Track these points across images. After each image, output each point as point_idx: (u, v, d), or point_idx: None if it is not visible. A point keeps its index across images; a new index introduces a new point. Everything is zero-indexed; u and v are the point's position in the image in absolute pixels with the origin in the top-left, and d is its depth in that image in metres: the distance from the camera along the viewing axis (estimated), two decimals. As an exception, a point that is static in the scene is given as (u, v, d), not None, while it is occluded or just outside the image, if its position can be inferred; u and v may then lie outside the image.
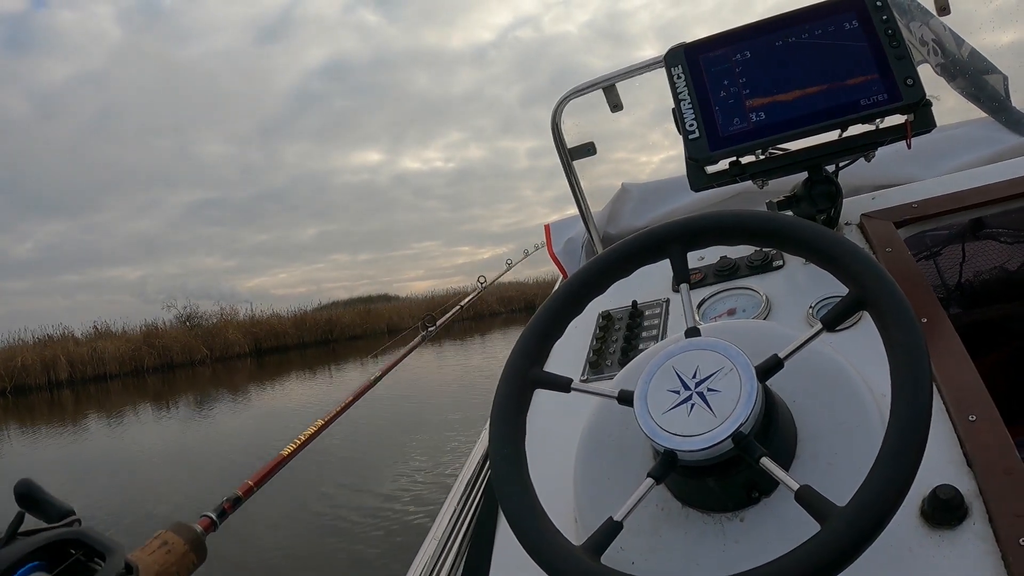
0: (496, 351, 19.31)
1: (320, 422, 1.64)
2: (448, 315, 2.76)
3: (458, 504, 1.49)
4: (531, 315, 1.15)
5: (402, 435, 9.87)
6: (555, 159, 2.32)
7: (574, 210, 2.64)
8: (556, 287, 2.61)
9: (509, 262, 3.72)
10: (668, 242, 1.09)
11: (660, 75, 1.76)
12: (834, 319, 0.95)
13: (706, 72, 1.62)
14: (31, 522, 0.74)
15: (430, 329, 2.52)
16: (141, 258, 66.44)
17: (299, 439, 1.51)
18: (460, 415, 10.79)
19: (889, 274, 0.93)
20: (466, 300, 3.11)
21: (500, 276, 3.55)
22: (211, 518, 1.08)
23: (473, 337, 23.32)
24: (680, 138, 1.63)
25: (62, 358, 24.34)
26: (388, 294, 43.33)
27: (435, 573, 1.35)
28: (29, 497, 0.76)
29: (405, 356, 2.33)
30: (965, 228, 2.62)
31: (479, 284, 3.35)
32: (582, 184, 2.38)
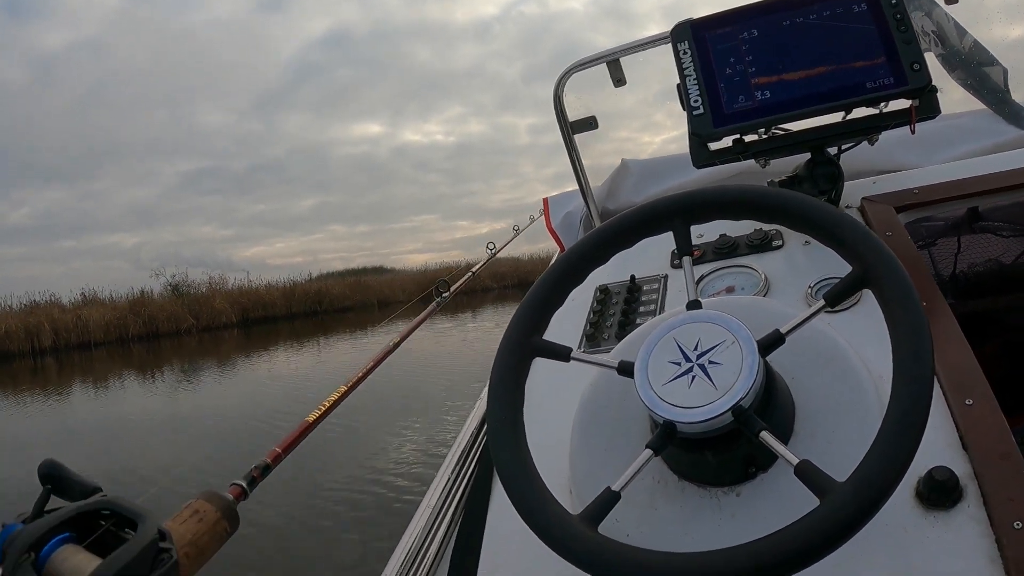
0: (488, 325, 19.32)
1: (343, 388, 1.63)
2: (460, 282, 2.77)
3: (452, 473, 1.49)
4: (524, 292, 1.14)
5: (398, 407, 9.85)
6: (556, 136, 2.30)
7: (573, 187, 2.64)
8: (554, 260, 2.62)
9: (516, 228, 3.70)
10: (671, 215, 1.08)
11: (665, 55, 1.75)
12: (836, 296, 0.95)
13: (712, 49, 1.61)
14: (56, 503, 0.73)
15: (444, 295, 2.50)
16: (137, 226, 66.53)
17: (323, 405, 1.51)
18: (455, 387, 10.77)
19: (893, 253, 0.92)
20: (477, 267, 3.12)
21: (509, 242, 3.54)
22: (241, 487, 1.07)
23: (464, 312, 23.30)
24: (683, 119, 1.62)
25: (46, 325, 24.21)
26: (384, 266, 42.71)
27: (428, 540, 1.34)
28: (53, 477, 0.75)
29: (421, 323, 2.33)
30: (961, 219, 2.62)
31: (488, 251, 3.34)
32: (583, 159, 2.37)
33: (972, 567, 0.97)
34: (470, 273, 2.98)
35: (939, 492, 1.03)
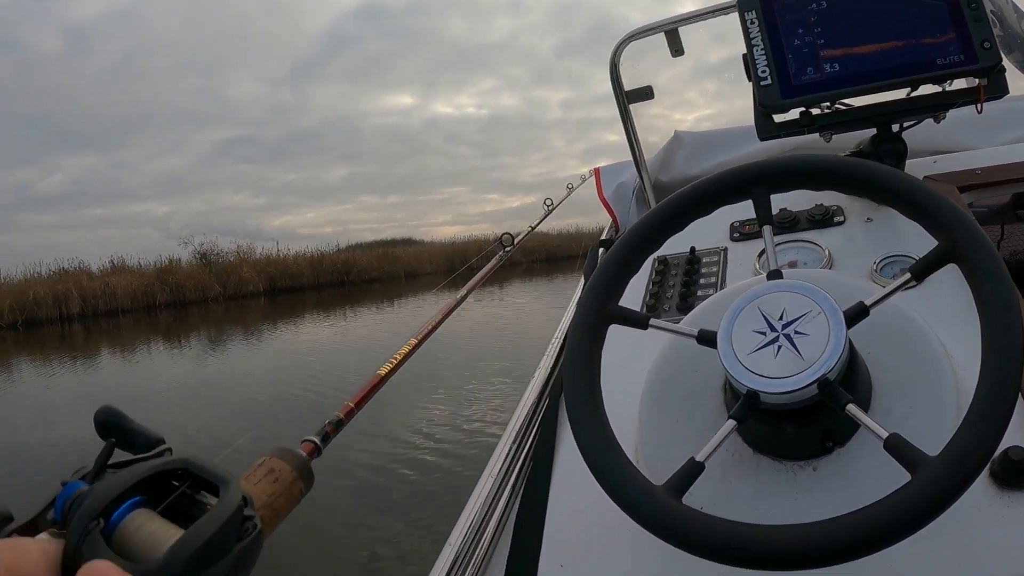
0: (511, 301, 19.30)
1: (414, 341, 1.58)
2: (523, 236, 2.77)
3: (514, 441, 1.48)
4: (551, 266, 1.12)
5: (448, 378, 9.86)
6: (588, 112, 2.34)
7: (604, 162, 2.64)
8: (605, 232, 2.62)
9: (570, 185, 3.66)
10: (753, 182, 1.05)
11: (700, 32, 1.72)
12: (922, 270, 0.93)
13: (780, 19, 1.58)
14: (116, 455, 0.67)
15: (507, 249, 2.48)
16: (169, 194, 67.10)
17: (395, 358, 1.45)
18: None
19: (981, 229, 0.91)
20: (536, 223, 3.10)
21: (564, 199, 3.52)
22: (315, 443, 0.99)
23: (492, 287, 23.27)
24: (715, 98, 1.63)
25: (74, 292, 24.36)
26: (413, 238, 42.14)
27: (490, 508, 1.34)
28: (113, 426, 0.68)
29: (488, 275, 2.30)
30: (1005, 206, 2.60)
31: (545, 207, 3.33)
32: (638, 130, 2.35)
33: None
34: (530, 228, 2.97)
35: (1015, 472, 1.02)
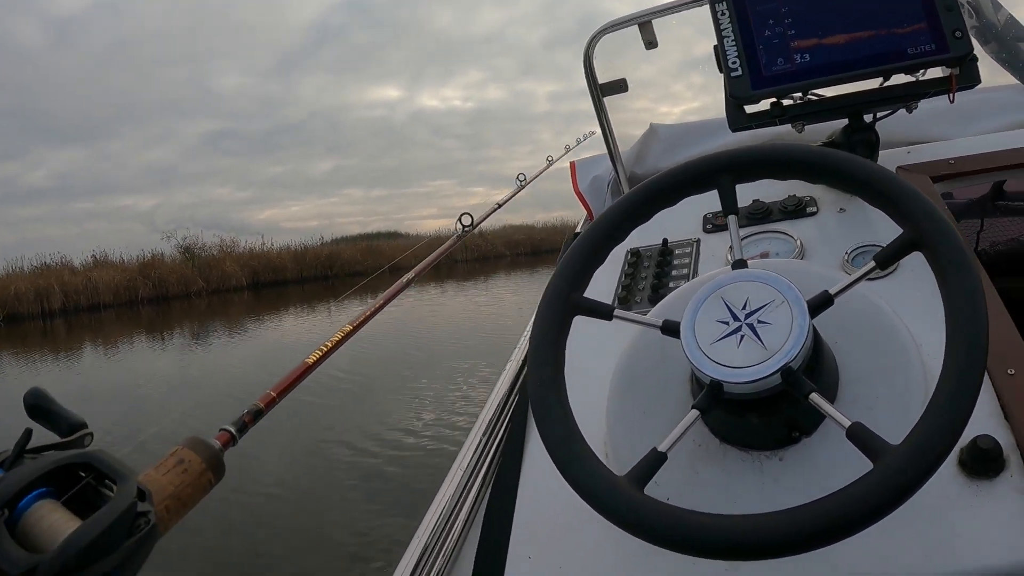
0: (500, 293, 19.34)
1: (348, 327, 1.51)
2: (486, 214, 2.65)
3: (484, 435, 1.47)
4: (536, 259, 1.12)
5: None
6: (575, 104, 2.32)
7: (591, 155, 2.63)
8: (580, 225, 2.61)
9: (550, 158, 3.49)
10: (719, 172, 1.05)
11: (686, 24, 1.71)
12: (887, 259, 0.92)
13: (751, 10, 1.58)
14: (41, 433, 0.72)
15: (467, 228, 2.39)
16: (154, 188, 66.17)
17: (325, 346, 1.39)
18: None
19: (946, 217, 0.90)
20: (504, 199, 2.94)
21: (540, 173, 3.33)
22: (230, 432, 0.98)
23: (474, 280, 23.25)
24: (702, 90, 1.61)
25: (56, 287, 24.17)
26: (399, 231, 41.59)
27: (459, 503, 1.33)
28: (39, 408, 0.74)
29: (442, 255, 2.18)
30: (985, 198, 2.61)
31: (517, 183, 3.19)
32: (623, 124, 2.35)
33: (1016, 537, 0.96)
34: (497, 205, 2.83)
35: (983, 461, 1.02)
